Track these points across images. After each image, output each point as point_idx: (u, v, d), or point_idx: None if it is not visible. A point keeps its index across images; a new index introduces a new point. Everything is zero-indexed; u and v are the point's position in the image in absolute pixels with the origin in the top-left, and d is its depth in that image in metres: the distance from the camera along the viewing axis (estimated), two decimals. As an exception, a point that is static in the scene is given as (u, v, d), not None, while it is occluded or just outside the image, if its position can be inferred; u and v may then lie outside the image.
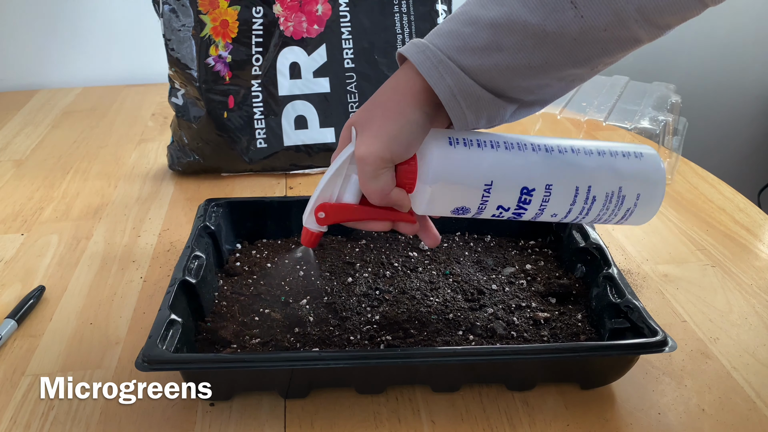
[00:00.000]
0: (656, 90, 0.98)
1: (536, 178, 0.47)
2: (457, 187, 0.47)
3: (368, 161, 0.45)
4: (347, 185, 0.49)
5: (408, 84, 0.45)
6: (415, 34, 0.87)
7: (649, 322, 0.51)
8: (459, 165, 0.46)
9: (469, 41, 0.43)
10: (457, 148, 0.46)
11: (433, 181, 0.46)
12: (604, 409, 0.51)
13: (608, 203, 0.49)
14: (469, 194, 0.47)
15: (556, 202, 0.48)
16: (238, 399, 0.52)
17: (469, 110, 0.44)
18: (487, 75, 0.43)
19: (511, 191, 0.47)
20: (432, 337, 0.55)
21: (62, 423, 0.50)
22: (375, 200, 0.47)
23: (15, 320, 0.60)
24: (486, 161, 0.46)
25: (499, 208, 0.48)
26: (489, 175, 0.46)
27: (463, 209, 0.48)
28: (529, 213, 0.49)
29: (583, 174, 0.48)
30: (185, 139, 0.88)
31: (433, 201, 0.47)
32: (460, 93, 0.44)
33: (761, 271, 0.68)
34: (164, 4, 0.83)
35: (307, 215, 0.50)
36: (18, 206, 0.83)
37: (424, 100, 0.45)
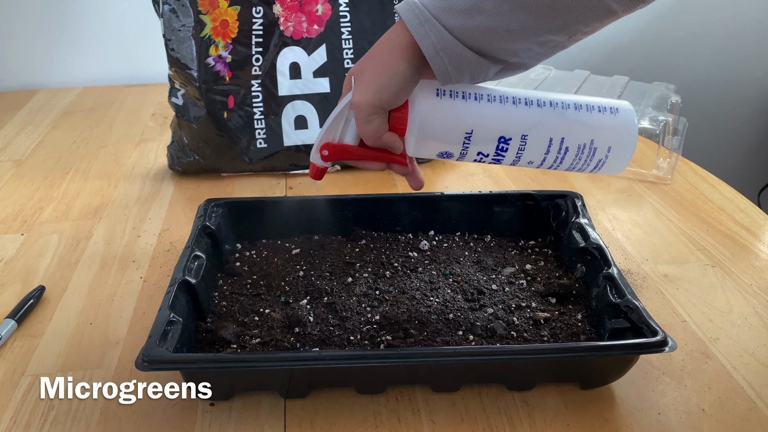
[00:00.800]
0: (656, 90, 0.98)
1: (513, 128, 0.52)
2: (441, 134, 0.52)
3: (361, 107, 0.51)
4: (347, 128, 0.55)
5: (398, 39, 0.49)
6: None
7: (649, 322, 0.51)
8: (443, 114, 0.52)
9: (453, 2, 0.46)
10: (443, 99, 0.51)
11: (420, 127, 0.52)
12: (604, 409, 0.51)
13: (580, 154, 0.54)
14: (452, 141, 0.53)
15: (531, 151, 0.53)
16: (238, 399, 0.52)
17: (451, 66, 0.48)
18: (469, 35, 0.47)
19: (489, 140, 0.52)
20: (432, 337, 0.55)
21: (62, 423, 0.50)
22: (369, 142, 0.53)
23: (15, 320, 0.60)
24: (468, 112, 0.52)
25: (479, 154, 0.54)
26: (470, 124, 0.52)
27: (447, 153, 0.54)
28: (507, 159, 0.54)
29: (558, 126, 0.53)
30: (185, 139, 0.88)
31: (420, 145, 0.53)
32: (443, 50, 0.47)
33: (761, 271, 0.68)
34: (164, 4, 0.83)
35: (314, 152, 0.56)
36: (18, 206, 0.83)
37: (412, 54, 0.49)
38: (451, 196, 0.71)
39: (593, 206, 0.81)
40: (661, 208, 0.81)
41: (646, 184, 0.87)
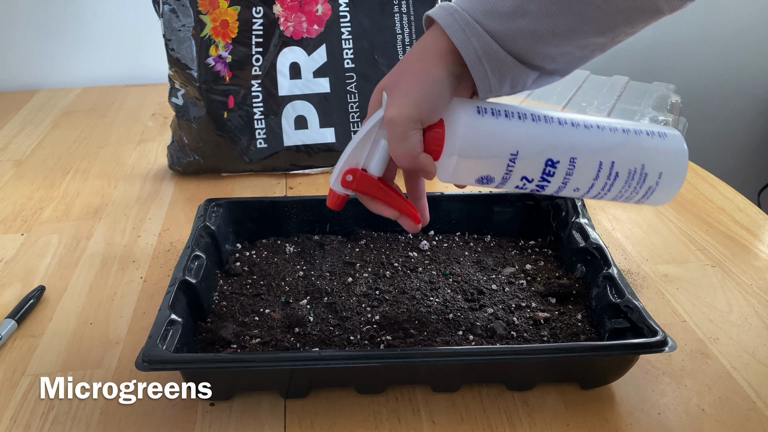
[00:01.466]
0: (656, 90, 0.98)
1: (561, 150, 0.47)
2: (483, 155, 0.47)
3: (398, 122, 0.46)
4: (374, 151, 0.49)
5: (435, 45, 0.45)
6: (415, 34, 0.87)
7: (649, 322, 0.51)
8: (486, 133, 0.46)
9: (496, 5, 0.43)
10: (485, 116, 0.46)
11: (460, 148, 0.46)
12: (604, 409, 0.51)
13: (630, 180, 0.49)
14: (495, 163, 0.47)
15: (579, 176, 0.48)
16: (238, 399, 0.52)
17: (492, 74, 0.45)
18: (512, 40, 0.44)
19: (536, 162, 0.47)
20: (432, 337, 0.55)
21: (62, 423, 0.50)
22: (403, 163, 0.47)
23: (15, 320, 0.60)
24: (513, 131, 0.47)
25: (523, 179, 0.48)
26: (515, 144, 0.47)
27: (488, 178, 0.48)
28: (552, 186, 0.49)
29: (608, 149, 0.48)
30: (185, 139, 0.88)
31: (458, 168, 0.47)
32: (485, 56, 0.44)
33: (761, 271, 0.68)
34: (164, 4, 0.83)
35: (335, 178, 0.51)
36: (18, 206, 0.83)
37: (451, 60, 0.45)
38: (451, 196, 0.71)
39: (593, 206, 0.81)
40: (661, 208, 0.81)
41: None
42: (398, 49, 0.87)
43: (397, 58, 0.87)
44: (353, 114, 0.88)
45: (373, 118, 0.48)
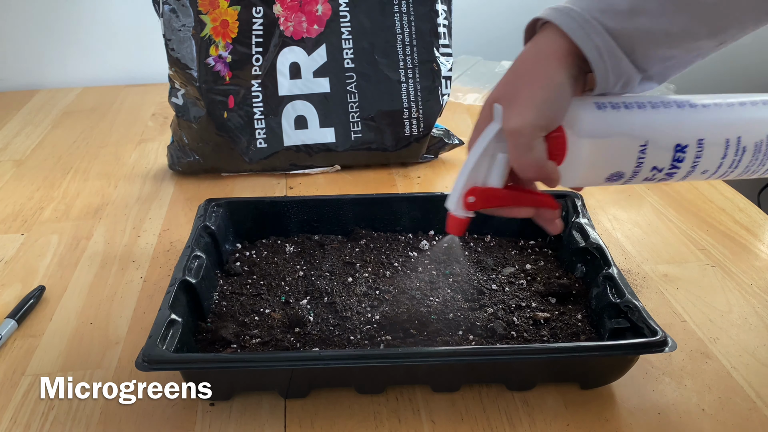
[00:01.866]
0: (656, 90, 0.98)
1: (688, 133, 0.46)
2: (612, 151, 0.45)
3: (523, 132, 0.44)
4: (493, 166, 0.47)
5: (552, 48, 0.44)
6: (415, 34, 0.87)
7: (649, 322, 0.51)
8: (612, 128, 0.45)
9: (613, 3, 0.43)
10: (606, 111, 0.45)
11: (591, 148, 0.45)
12: (604, 409, 0.51)
13: (757, 153, 0.48)
14: (625, 157, 0.46)
15: (708, 157, 0.47)
16: (238, 399, 0.52)
17: (612, 72, 0.44)
18: (627, 39, 0.43)
19: (665, 150, 0.46)
20: (432, 337, 0.55)
21: (62, 423, 0.50)
22: (530, 173, 0.45)
23: (15, 320, 0.60)
24: (638, 121, 0.45)
25: (653, 169, 0.47)
26: (643, 135, 0.45)
27: (618, 175, 0.47)
28: (682, 171, 0.47)
29: (732, 125, 0.47)
30: (185, 139, 0.88)
31: (587, 169, 0.46)
32: (606, 53, 0.43)
33: (761, 271, 0.68)
34: (164, 4, 0.83)
35: (456, 201, 0.48)
36: (18, 206, 0.83)
37: (571, 62, 0.44)
38: (451, 196, 0.71)
39: (593, 206, 0.81)
40: (661, 208, 0.81)
41: (646, 184, 0.87)
42: (398, 49, 0.87)
43: (397, 58, 0.87)
44: (353, 114, 0.88)
45: (487, 133, 0.46)
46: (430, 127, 0.89)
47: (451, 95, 0.98)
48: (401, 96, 0.88)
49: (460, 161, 0.94)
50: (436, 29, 0.88)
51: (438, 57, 0.88)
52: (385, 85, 0.87)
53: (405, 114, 0.88)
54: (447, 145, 0.94)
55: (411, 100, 0.88)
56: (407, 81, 0.88)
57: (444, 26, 0.88)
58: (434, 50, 0.88)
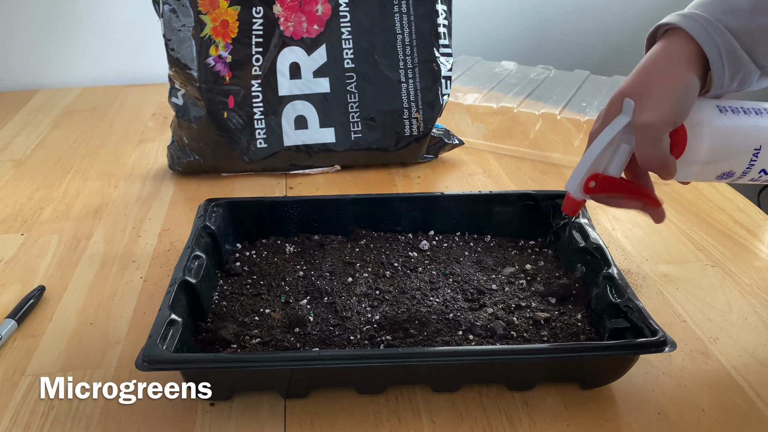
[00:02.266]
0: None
1: None
2: (728, 151, 0.49)
3: (654, 127, 0.47)
4: (615, 155, 0.50)
5: (682, 51, 0.48)
6: (415, 34, 0.87)
7: (649, 322, 0.51)
8: (731, 130, 0.49)
9: (734, 4, 0.47)
10: (727, 114, 0.49)
11: (711, 146, 0.49)
12: (604, 409, 0.51)
13: None
14: (739, 158, 0.50)
15: None
16: (238, 399, 0.52)
17: (728, 70, 0.48)
18: (748, 36, 0.47)
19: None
20: (432, 337, 0.55)
21: (62, 423, 0.50)
22: (653, 165, 0.49)
23: (15, 320, 0.60)
24: (754, 126, 0.49)
25: (761, 171, 0.51)
26: (758, 139, 0.49)
27: (729, 174, 0.51)
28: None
29: None
30: (185, 139, 0.88)
31: (702, 166, 0.50)
32: (726, 52, 0.47)
33: (761, 271, 0.68)
34: (164, 4, 0.83)
35: (577, 184, 0.50)
36: (18, 206, 0.83)
37: (698, 64, 0.48)
38: (451, 196, 0.71)
39: (593, 206, 0.81)
40: (661, 208, 0.81)
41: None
42: (398, 49, 0.87)
43: (397, 58, 0.87)
44: (353, 114, 0.88)
45: (616, 124, 0.49)
46: (430, 127, 0.89)
47: (451, 95, 0.98)
48: (401, 96, 0.88)
49: (460, 161, 0.95)
50: (436, 29, 0.88)
51: (438, 57, 0.88)
52: (385, 85, 0.87)
53: (405, 114, 0.88)
54: (447, 145, 0.94)
55: (411, 100, 0.88)
56: (407, 81, 0.88)
57: (444, 26, 0.88)
58: (434, 50, 0.88)
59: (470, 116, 1.08)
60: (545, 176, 0.90)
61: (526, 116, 0.98)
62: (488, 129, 1.03)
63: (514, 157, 0.96)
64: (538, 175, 0.90)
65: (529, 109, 0.97)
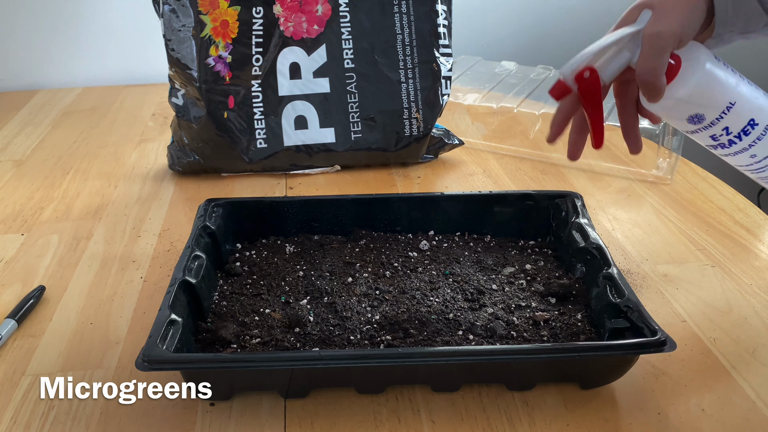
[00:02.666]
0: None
1: (763, 115, 0.53)
2: (710, 94, 0.52)
3: (663, 36, 0.50)
4: (614, 59, 0.52)
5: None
6: (415, 35, 0.87)
7: (649, 321, 0.51)
8: (718, 78, 0.52)
9: None
10: (719, 63, 0.52)
11: (699, 80, 0.52)
12: (603, 409, 0.51)
13: None
14: (715, 105, 0.52)
15: (765, 143, 0.53)
16: (238, 399, 0.52)
17: (732, 5, 0.50)
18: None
19: (742, 117, 0.53)
20: (432, 337, 0.55)
21: (62, 423, 0.50)
22: (648, 77, 0.51)
23: (15, 320, 0.60)
24: (737, 85, 0.53)
25: (723, 129, 0.54)
26: (735, 96, 0.52)
27: (699, 118, 0.53)
28: (739, 145, 0.54)
29: None
30: (185, 139, 0.88)
31: (681, 103, 0.53)
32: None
33: (761, 271, 0.68)
34: (164, 4, 0.83)
35: (571, 69, 0.52)
36: (18, 206, 0.83)
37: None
38: (451, 196, 0.71)
39: (593, 206, 0.81)
40: (660, 208, 0.81)
41: (645, 184, 0.87)
42: (398, 49, 0.87)
43: (397, 58, 0.87)
44: (353, 114, 0.88)
45: (627, 30, 0.51)
46: (430, 127, 0.89)
47: (451, 95, 0.98)
48: (401, 96, 0.88)
49: (460, 161, 0.95)
50: (436, 29, 0.88)
51: (438, 57, 0.88)
52: (385, 85, 0.88)
53: (405, 114, 0.88)
54: (447, 145, 0.94)
55: (411, 100, 0.88)
56: (407, 81, 0.88)
57: (444, 26, 0.89)
58: (434, 50, 0.88)
59: (470, 116, 1.08)
60: (545, 176, 0.90)
61: (526, 116, 0.98)
62: (488, 129, 1.03)
63: (514, 157, 0.96)
64: (538, 175, 0.90)
65: (529, 109, 0.97)
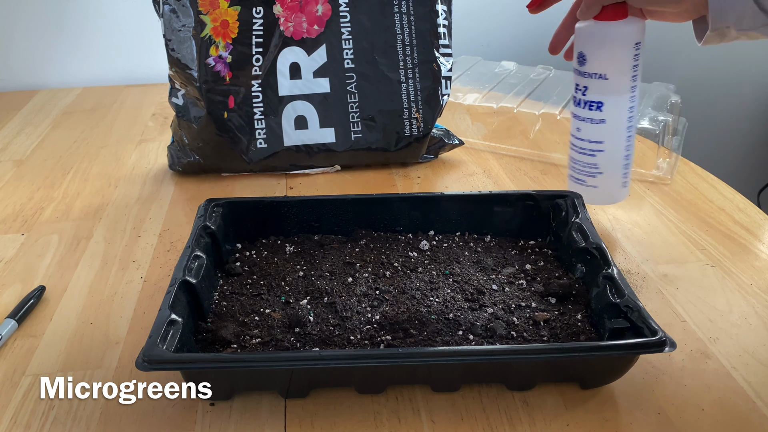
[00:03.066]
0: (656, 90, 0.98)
1: (612, 110, 0.69)
2: (603, 54, 0.66)
3: None
4: None
5: None
6: (415, 35, 0.87)
7: (649, 322, 0.51)
8: (621, 57, 0.66)
9: None
10: (636, 52, 0.66)
11: (607, 35, 0.65)
12: (603, 409, 0.51)
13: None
14: (597, 62, 0.66)
15: (592, 130, 0.70)
16: (239, 399, 0.52)
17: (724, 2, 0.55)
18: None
19: (598, 95, 0.68)
20: (432, 337, 0.55)
21: (62, 423, 0.50)
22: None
23: (15, 320, 0.60)
24: (624, 77, 0.68)
25: (584, 86, 0.68)
26: (613, 79, 0.67)
27: (582, 58, 0.67)
28: (579, 111, 0.71)
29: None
30: (185, 139, 0.88)
31: (591, 35, 0.65)
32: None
33: (761, 271, 0.68)
34: (164, 4, 0.83)
35: None
36: (18, 206, 0.83)
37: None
38: (451, 196, 0.71)
39: (593, 207, 0.81)
40: (660, 208, 0.81)
41: (645, 184, 0.87)
42: (398, 49, 0.87)
43: (396, 58, 0.87)
44: (353, 114, 0.88)
45: None
46: (430, 127, 0.89)
47: (451, 95, 0.98)
48: (401, 96, 0.88)
49: (460, 161, 0.95)
50: (436, 29, 0.88)
51: (438, 57, 0.88)
52: (384, 85, 0.88)
53: (405, 114, 0.88)
54: (447, 145, 0.94)
55: (411, 100, 0.88)
56: (407, 81, 0.88)
57: (444, 26, 0.89)
58: (434, 50, 0.88)
59: (470, 116, 1.08)
60: (545, 176, 0.90)
61: (526, 116, 0.98)
62: (488, 129, 1.03)
63: (514, 157, 0.96)
64: (538, 175, 0.90)
65: (529, 109, 0.97)
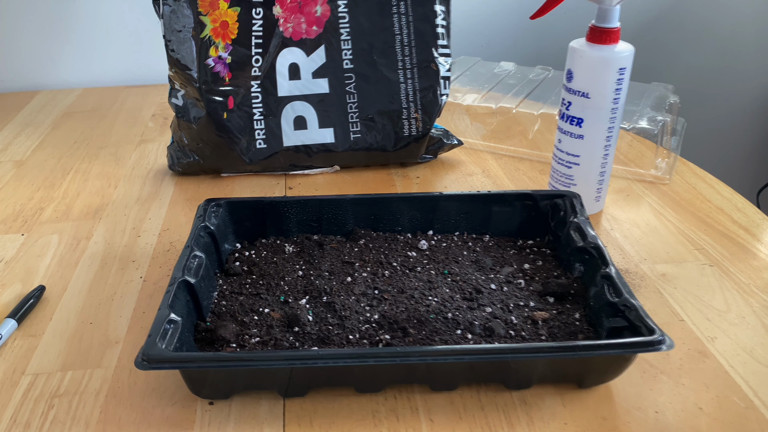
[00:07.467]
0: (654, 90, 0.98)
1: (592, 134, 0.73)
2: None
3: None
4: None
5: None
6: (414, 35, 0.87)
7: (647, 321, 0.51)
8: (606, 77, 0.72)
9: None
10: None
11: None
12: (601, 408, 0.51)
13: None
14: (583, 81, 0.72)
15: (572, 144, 0.74)
16: (238, 398, 0.52)
17: None
18: None
19: (579, 112, 0.73)
20: (430, 337, 0.55)
21: (62, 422, 0.50)
22: None
23: (15, 320, 0.60)
24: (609, 92, 0.72)
25: (571, 90, 0.73)
26: (595, 97, 0.72)
27: (570, 74, 0.73)
28: (562, 125, 0.75)
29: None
30: (185, 139, 0.88)
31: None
32: None
33: (759, 271, 0.69)
34: (164, 5, 0.83)
35: None
36: (18, 206, 0.83)
37: None
38: (450, 196, 0.72)
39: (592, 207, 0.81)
40: (659, 207, 0.82)
41: (644, 184, 0.87)
42: (397, 50, 0.87)
43: (395, 58, 0.87)
44: (352, 114, 0.88)
45: None
46: (429, 127, 0.90)
47: (450, 95, 0.98)
48: (400, 96, 0.88)
49: (459, 161, 0.95)
50: (435, 30, 0.88)
51: (437, 57, 0.88)
52: (383, 85, 0.88)
53: (404, 114, 0.89)
54: (446, 146, 0.94)
55: (410, 100, 0.88)
56: (406, 81, 0.88)
57: (443, 27, 0.89)
58: (433, 51, 0.88)
59: (469, 116, 1.08)
60: (544, 176, 0.90)
61: (525, 116, 0.98)
62: (487, 129, 1.03)
63: (513, 157, 0.96)
64: (537, 175, 0.90)
65: (528, 110, 0.97)
